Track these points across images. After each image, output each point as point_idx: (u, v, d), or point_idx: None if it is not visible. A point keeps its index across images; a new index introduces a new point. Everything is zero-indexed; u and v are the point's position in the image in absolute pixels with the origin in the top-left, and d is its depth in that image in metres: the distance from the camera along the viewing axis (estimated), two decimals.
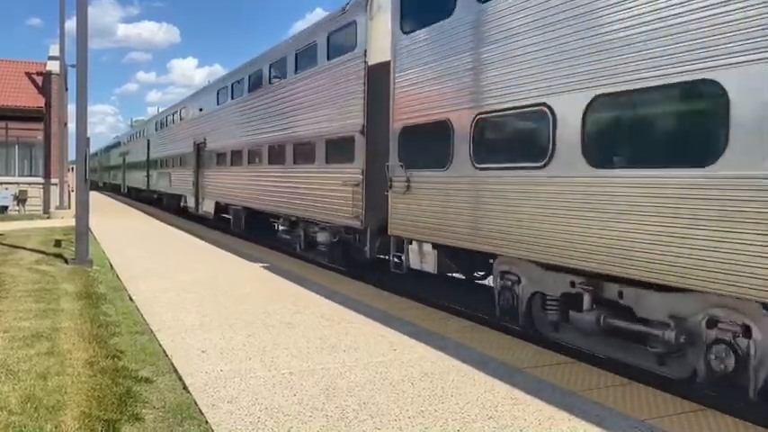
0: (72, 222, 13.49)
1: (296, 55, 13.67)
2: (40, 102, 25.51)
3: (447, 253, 8.56)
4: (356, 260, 11.57)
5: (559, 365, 5.76)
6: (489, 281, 8.71)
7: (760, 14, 4.52)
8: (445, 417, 4.43)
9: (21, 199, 25.24)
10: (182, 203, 23.88)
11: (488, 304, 8.08)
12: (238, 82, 17.94)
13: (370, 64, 10.46)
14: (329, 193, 11.73)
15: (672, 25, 5.13)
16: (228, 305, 8.01)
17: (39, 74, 26.83)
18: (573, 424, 4.36)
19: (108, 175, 60.77)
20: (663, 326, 5.46)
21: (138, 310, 7.70)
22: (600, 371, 5.63)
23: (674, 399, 4.94)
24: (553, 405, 4.70)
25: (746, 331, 4.87)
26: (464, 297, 9.56)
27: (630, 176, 5.52)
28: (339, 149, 11.51)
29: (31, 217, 23.34)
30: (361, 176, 10.55)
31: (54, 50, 26.35)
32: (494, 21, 7.20)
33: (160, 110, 36.85)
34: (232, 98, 18.51)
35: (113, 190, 52.65)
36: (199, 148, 21.60)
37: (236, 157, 17.76)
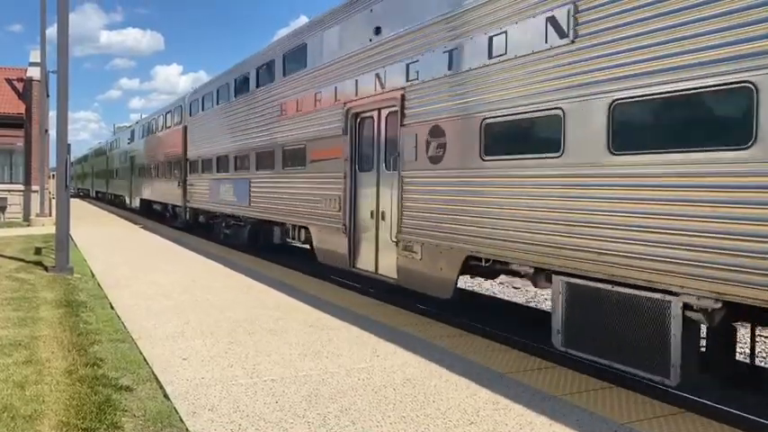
0: (53, 230, 13.33)
1: None
2: (21, 108, 25.27)
3: None
4: None
5: (541, 370, 5.79)
6: None
7: None
8: (427, 422, 4.44)
9: (0, 206, 24.91)
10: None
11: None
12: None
13: None
14: None
15: None
16: (211, 312, 7.96)
17: (19, 80, 26.58)
18: (553, 428, 4.39)
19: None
20: None
21: (118, 317, 7.63)
22: (580, 375, 5.67)
23: (653, 402, 4.99)
24: (534, 410, 4.73)
25: None
26: None
27: None
28: None
29: (11, 224, 23.04)
30: None
31: (35, 56, 26.09)
32: None
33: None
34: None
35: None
36: None
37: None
